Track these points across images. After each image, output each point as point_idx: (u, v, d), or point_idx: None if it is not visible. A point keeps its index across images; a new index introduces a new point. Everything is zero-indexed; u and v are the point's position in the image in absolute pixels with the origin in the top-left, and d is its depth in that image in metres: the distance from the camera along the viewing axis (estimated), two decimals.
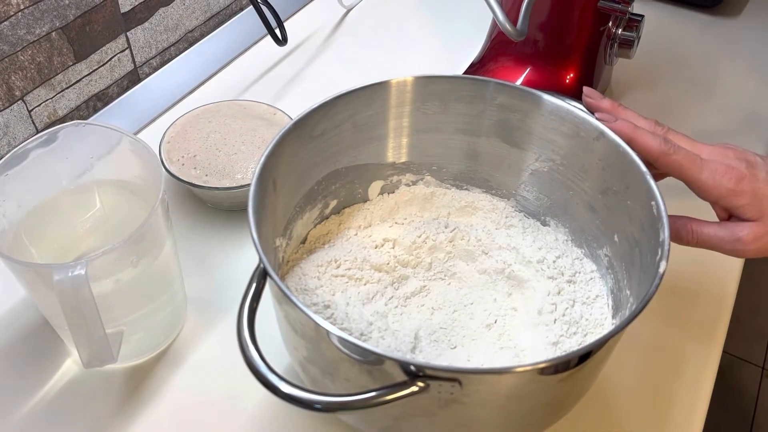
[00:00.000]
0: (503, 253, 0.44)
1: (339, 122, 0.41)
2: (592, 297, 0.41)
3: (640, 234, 0.37)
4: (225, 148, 0.53)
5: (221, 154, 0.52)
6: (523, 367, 0.29)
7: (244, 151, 0.52)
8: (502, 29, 0.46)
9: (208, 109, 0.55)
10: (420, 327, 0.41)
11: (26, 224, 0.42)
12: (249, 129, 0.54)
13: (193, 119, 0.55)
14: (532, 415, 0.34)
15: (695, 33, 0.76)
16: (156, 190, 0.40)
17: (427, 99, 0.43)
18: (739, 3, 0.80)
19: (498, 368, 0.30)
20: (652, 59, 0.71)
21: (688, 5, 0.79)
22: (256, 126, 0.54)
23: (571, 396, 0.35)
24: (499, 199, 0.47)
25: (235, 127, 0.54)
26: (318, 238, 0.45)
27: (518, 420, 0.34)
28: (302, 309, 0.29)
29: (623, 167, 0.38)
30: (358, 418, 0.35)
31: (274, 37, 0.61)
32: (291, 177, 0.40)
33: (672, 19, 0.78)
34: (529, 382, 0.30)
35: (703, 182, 0.37)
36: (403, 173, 0.47)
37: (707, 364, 0.45)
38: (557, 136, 0.42)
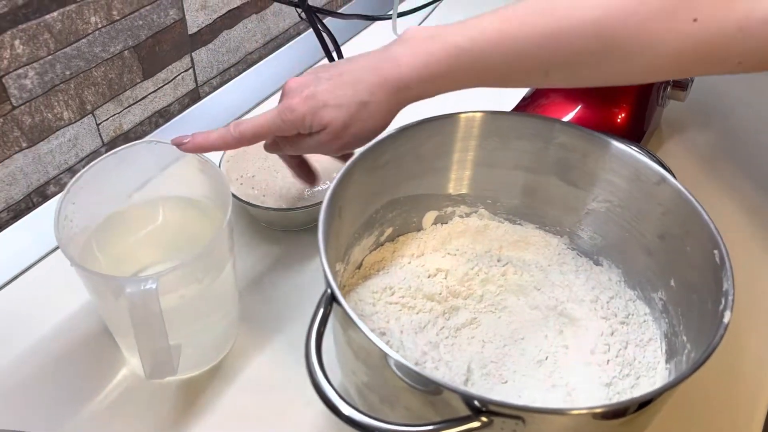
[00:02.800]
0: (556, 290, 0.44)
1: (402, 153, 0.43)
2: (645, 340, 0.41)
3: (698, 280, 0.37)
4: (282, 170, 0.54)
5: (279, 176, 0.54)
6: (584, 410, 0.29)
7: None
8: None
9: None
10: (471, 359, 0.41)
11: (96, 233, 0.44)
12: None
13: None
14: None
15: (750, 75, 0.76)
16: (222, 210, 0.41)
17: (489, 135, 0.44)
18: None
19: (564, 409, 0.30)
20: (704, 99, 0.71)
21: None
22: None
23: None
24: (553, 235, 0.48)
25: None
26: (373, 264, 0.46)
27: None
28: (369, 337, 0.30)
29: (684, 213, 0.38)
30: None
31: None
32: (354, 205, 0.41)
33: None
34: (587, 424, 0.30)
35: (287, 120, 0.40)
36: (458, 205, 0.48)
37: (756, 410, 0.44)
38: (617, 178, 0.42)
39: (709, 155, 0.65)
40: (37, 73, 0.50)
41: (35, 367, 0.45)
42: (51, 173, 0.55)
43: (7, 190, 0.52)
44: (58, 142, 0.54)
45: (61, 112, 0.53)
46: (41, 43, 0.49)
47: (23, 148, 0.51)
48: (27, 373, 0.45)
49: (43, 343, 0.47)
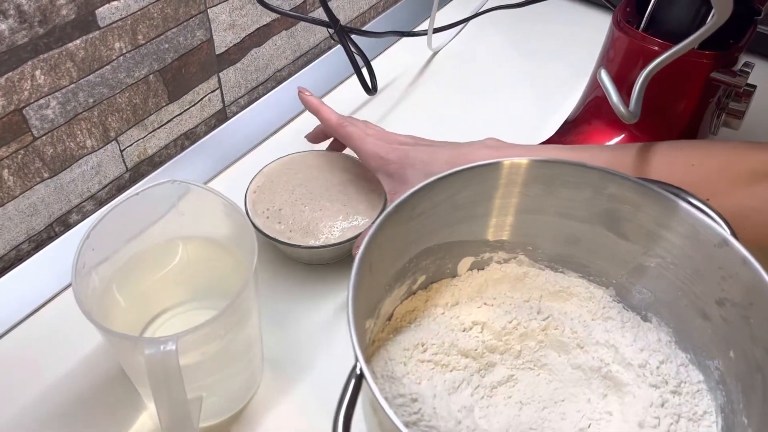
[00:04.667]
0: (600, 349, 0.41)
1: (438, 202, 0.40)
2: (699, 413, 0.38)
3: (765, 359, 0.33)
4: (310, 203, 0.52)
5: (306, 209, 0.52)
6: None
7: (329, 208, 0.51)
8: (615, 111, 0.44)
9: (294, 159, 0.55)
10: (509, 426, 0.39)
11: (116, 275, 0.42)
12: (335, 184, 0.53)
13: (280, 169, 0.54)
14: None
15: None
16: (247, 258, 0.39)
17: (531, 181, 0.41)
18: None
19: None
20: (757, 122, 0.67)
21: None
22: (343, 181, 0.53)
23: None
24: (597, 286, 0.44)
25: (322, 180, 0.53)
26: (404, 315, 0.43)
27: None
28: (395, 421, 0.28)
29: (748, 281, 0.35)
30: None
31: (364, 85, 0.60)
32: (386, 258, 0.39)
33: None
34: None
35: (366, 151, 0.47)
36: (496, 250, 0.45)
37: None
38: (671, 234, 0.39)
39: None
40: (59, 103, 0.48)
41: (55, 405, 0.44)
42: (73, 202, 0.53)
43: (28, 221, 0.50)
44: (80, 170, 0.52)
45: (83, 141, 0.51)
46: (63, 72, 0.47)
47: (45, 179, 0.50)
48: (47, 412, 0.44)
49: (62, 382, 0.45)
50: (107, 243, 0.40)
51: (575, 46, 0.76)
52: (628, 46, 0.56)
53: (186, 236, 0.45)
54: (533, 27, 0.80)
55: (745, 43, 0.55)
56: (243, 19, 0.60)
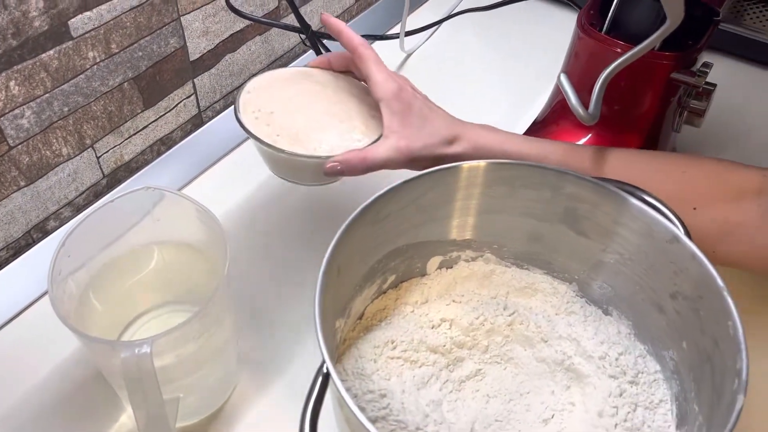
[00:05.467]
0: (563, 343, 0.43)
1: (404, 205, 0.41)
2: (655, 401, 0.39)
3: (713, 349, 0.35)
4: (306, 113, 0.48)
5: (300, 118, 0.48)
6: None
7: (324, 122, 0.48)
8: (574, 113, 0.46)
9: (299, 71, 0.52)
10: (476, 419, 0.40)
11: (92, 282, 0.43)
12: (335, 102, 0.50)
13: (282, 76, 0.51)
14: None
15: (765, 92, 0.73)
16: (220, 263, 0.40)
17: (494, 183, 0.43)
18: None
19: None
20: (722, 121, 0.69)
21: (760, 63, 0.77)
22: (344, 100, 0.50)
23: None
24: (561, 282, 0.46)
25: (323, 95, 0.50)
26: (375, 314, 0.45)
27: None
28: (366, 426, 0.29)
29: (697, 276, 0.37)
30: None
31: None
32: (355, 259, 0.40)
33: (741, 78, 0.75)
34: None
35: (377, 80, 0.46)
36: (464, 249, 0.47)
37: None
38: (627, 231, 0.41)
39: None
40: (34, 112, 0.49)
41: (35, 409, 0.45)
42: (51, 209, 0.54)
43: (6, 228, 0.51)
44: (57, 178, 0.53)
45: (59, 149, 0.52)
46: (38, 83, 0.48)
47: (21, 187, 0.51)
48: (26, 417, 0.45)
49: (41, 387, 0.46)
50: (83, 250, 0.41)
51: (546, 46, 0.78)
52: (591, 48, 0.57)
53: (161, 241, 0.46)
54: (505, 28, 0.82)
55: (704, 44, 0.57)
56: (216, 25, 0.61)
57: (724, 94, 0.72)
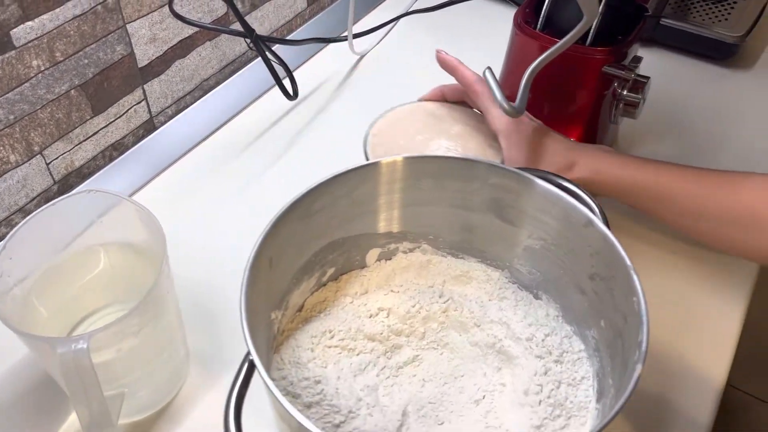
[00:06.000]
0: (494, 326, 0.45)
1: (336, 198, 0.43)
2: (578, 378, 0.41)
3: (623, 326, 0.37)
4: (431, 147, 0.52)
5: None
6: None
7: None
8: (500, 107, 0.48)
9: (415, 107, 0.56)
10: (409, 401, 0.42)
11: (35, 286, 0.44)
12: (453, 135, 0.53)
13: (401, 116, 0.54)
14: None
15: (707, 86, 0.76)
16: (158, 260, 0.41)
17: (422, 176, 0.44)
18: (753, 55, 0.80)
19: None
20: (662, 113, 0.72)
21: (700, 57, 0.79)
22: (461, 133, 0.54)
23: None
24: (494, 269, 0.48)
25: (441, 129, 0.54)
26: (315, 305, 0.46)
27: None
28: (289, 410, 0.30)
29: (609, 257, 0.39)
30: None
31: (284, 91, 0.63)
32: (288, 253, 0.42)
33: (683, 71, 0.78)
34: None
35: (495, 114, 0.50)
36: (401, 241, 0.48)
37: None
38: (548, 217, 0.43)
39: None
40: None
41: None
42: (1, 215, 0.55)
43: None
44: (6, 185, 0.54)
45: (6, 156, 0.53)
46: None
47: None
48: None
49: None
50: (26, 253, 0.42)
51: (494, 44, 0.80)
52: (526, 45, 0.59)
53: (106, 243, 0.47)
54: (457, 28, 0.84)
55: (634, 39, 0.60)
56: (164, 32, 0.62)
57: (668, 86, 0.75)
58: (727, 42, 0.77)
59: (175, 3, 0.62)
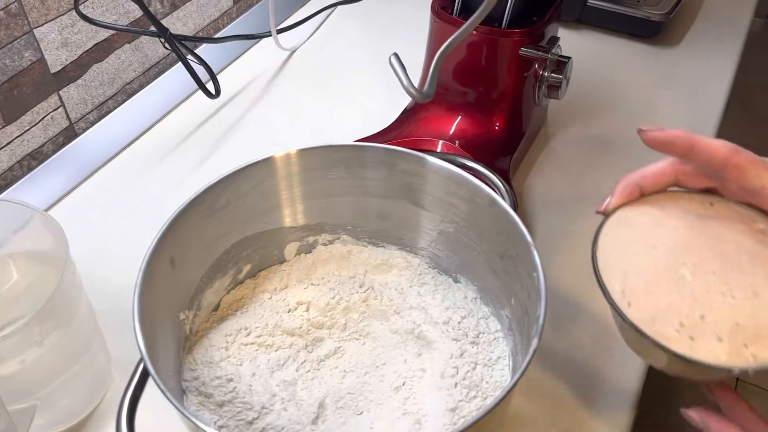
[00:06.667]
0: (413, 312, 0.45)
1: (243, 193, 0.42)
2: (494, 358, 0.41)
3: (527, 301, 0.37)
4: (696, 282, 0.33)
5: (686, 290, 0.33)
6: None
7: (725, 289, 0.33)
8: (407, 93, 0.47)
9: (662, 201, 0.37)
10: (327, 394, 0.41)
11: None
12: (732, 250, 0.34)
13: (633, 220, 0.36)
14: None
15: (635, 64, 0.77)
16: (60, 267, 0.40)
17: (333, 165, 0.44)
18: (678, 32, 0.82)
19: None
20: (590, 92, 0.72)
21: (627, 36, 0.80)
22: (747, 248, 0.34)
23: None
24: (414, 255, 0.48)
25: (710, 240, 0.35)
26: (231, 304, 0.45)
27: None
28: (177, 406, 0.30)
29: (514, 235, 0.39)
30: None
31: (205, 90, 0.62)
32: (193, 251, 0.41)
33: (611, 51, 0.79)
34: None
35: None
36: (319, 233, 0.48)
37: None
38: (456, 199, 0.43)
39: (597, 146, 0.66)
40: None
41: None
42: None
43: None
44: None
45: None
46: None
47: None
48: None
49: None
50: None
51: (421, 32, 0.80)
52: (443, 31, 0.60)
53: (13, 253, 0.45)
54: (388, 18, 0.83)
55: (549, 19, 0.60)
56: (76, 36, 0.61)
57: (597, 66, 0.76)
58: (653, 20, 0.79)
59: (87, 5, 0.61)
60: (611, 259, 0.35)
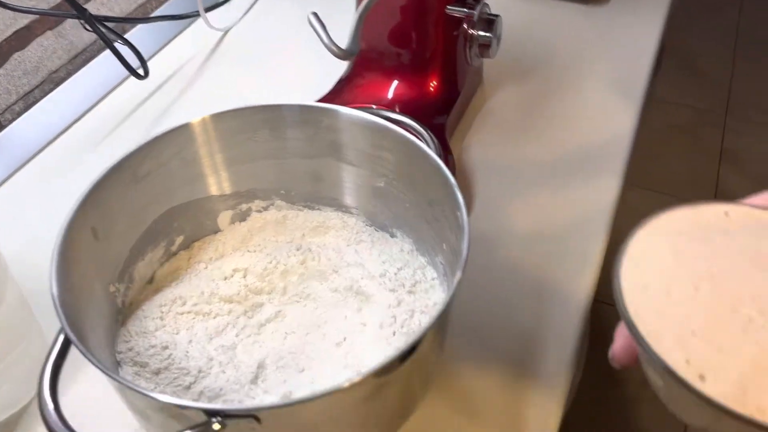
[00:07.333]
0: (351, 269, 0.45)
1: (165, 161, 0.42)
2: (430, 305, 0.42)
3: (456, 243, 0.38)
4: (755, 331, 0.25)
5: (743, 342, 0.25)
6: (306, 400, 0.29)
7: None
8: (328, 51, 0.47)
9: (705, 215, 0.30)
10: (267, 355, 0.41)
11: None
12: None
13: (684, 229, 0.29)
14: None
15: (566, 22, 0.78)
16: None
17: (255, 128, 0.44)
18: None
19: (290, 402, 0.30)
20: (524, 52, 0.73)
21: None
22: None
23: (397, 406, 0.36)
24: (350, 215, 0.48)
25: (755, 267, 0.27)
26: (166, 276, 0.45)
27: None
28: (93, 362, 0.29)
29: (439, 179, 0.39)
30: None
31: (132, 71, 0.61)
32: (119, 221, 0.40)
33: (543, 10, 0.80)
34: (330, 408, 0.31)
35: None
36: (251, 200, 0.48)
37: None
38: (383, 152, 0.43)
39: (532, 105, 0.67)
40: None
41: None
42: None
43: None
44: None
45: None
46: None
47: None
48: None
49: None
50: None
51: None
52: None
53: None
54: None
55: None
56: None
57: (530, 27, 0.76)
58: None
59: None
60: (649, 317, 0.26)
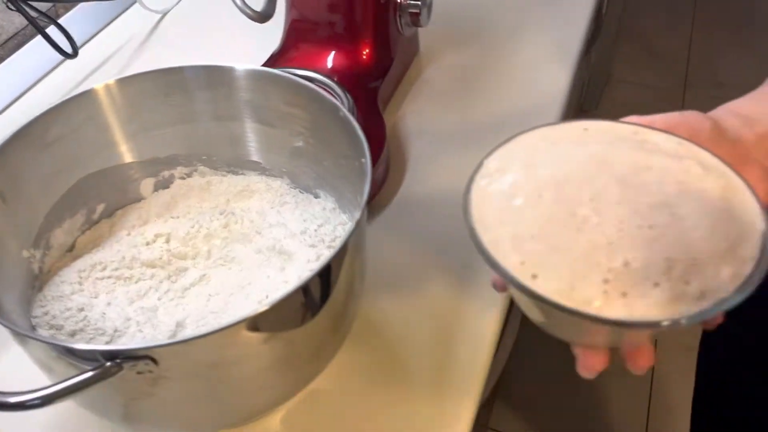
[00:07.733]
0: (273, 230, 0.45)
1: (75, 126, 0.41)
2: None
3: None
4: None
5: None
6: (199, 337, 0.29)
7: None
8: (242, 13, 0.47)
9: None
10: (189, 315, 0.41)
11: None
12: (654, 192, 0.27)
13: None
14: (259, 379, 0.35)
15: None
16: None
17: (169, 92, 0.44)
18: None
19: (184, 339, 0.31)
20: (462, 21, 0.73)
21: None
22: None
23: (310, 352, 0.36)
24: (274, 179, 0.48)
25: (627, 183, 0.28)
26: (87, 244, 0.45)
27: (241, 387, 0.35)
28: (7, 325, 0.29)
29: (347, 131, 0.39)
30: (95, 409, 0.35)
31: (58, 49, 0.60)
32: (29, 185, 0.40)
33: None
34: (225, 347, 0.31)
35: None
36: (174, 167, 0.47)
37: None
38: (298, 110, 0.43)
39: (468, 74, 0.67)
40: None
41: None
42: None
43: None
44: None
45: None
46: None
47: None
48: None
49: None
50: None
51: None
52: None
53: None
54: None
55: None
56: None
57: None
58: None
59: None
60: (492, 224, 0.27)
